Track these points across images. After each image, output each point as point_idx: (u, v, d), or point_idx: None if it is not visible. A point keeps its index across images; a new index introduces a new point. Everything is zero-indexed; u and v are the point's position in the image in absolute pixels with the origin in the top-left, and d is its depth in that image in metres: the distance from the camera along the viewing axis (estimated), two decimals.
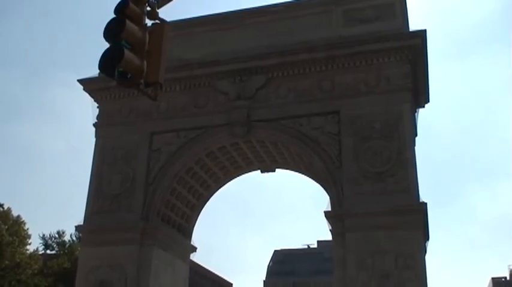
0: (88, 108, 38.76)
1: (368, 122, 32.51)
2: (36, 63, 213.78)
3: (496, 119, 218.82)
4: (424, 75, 36.01)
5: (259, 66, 35.44)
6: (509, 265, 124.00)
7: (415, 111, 36.18)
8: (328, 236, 33.38)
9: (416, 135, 36.09)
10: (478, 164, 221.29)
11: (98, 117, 38.95)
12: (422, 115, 42.19)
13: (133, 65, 10.69)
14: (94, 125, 38.73)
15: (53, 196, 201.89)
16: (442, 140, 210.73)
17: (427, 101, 37.59)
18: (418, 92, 35.28)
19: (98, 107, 39.21)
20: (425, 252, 31.71)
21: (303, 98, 34.61)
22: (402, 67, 33.16)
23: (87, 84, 38.86)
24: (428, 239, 32.89)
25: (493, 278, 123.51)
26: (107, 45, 10.84)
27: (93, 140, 38.47)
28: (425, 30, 33.30)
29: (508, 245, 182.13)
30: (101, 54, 10.72)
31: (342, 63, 34.15)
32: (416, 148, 33.73)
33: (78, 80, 39.00)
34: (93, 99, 39.19)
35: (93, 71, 34.84)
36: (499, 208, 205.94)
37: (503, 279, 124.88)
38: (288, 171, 40.65)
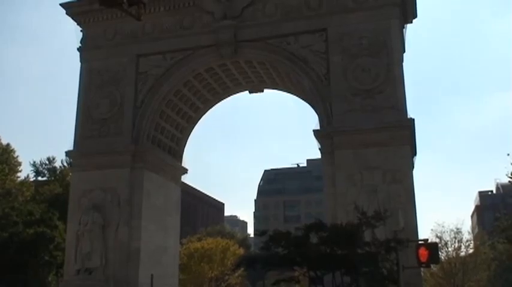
0: (64, 32, 38.24)
1: (356, 39, 32.26)
2: None
3: (482, 33, 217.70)
4: None
5: None
6: (495, 179, 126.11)
7: (403, 27, 35.81)
8: (318, 155, 33.76)
9: (404, 51, 35.86)
10: (462, 79, 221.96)
11: (82, 41, 38.31)
12: (410, 31, 41.61)
13: None
14: (78, 49, 38.10)
15: (39, 123, 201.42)
16: (426, 55, 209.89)
17: (415, 16, 37.12)
18: (406, 7, 34.81)
19: (81, 30, 38.52)
20: (413, 167, 32.25)
21: (290, 16, 34.11)
22: None
23: (70, 7, 38.03)
24: (415, 155, 33.35)
25: (479, 192, 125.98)
26: None
27: (73, 65, 38.01)
28: None
29: (495, 160, 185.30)
30: None
31: None
32: (403, 64, 33.59)
33: (60, 4, 38.13)
34: (76, 23, 38.44)
35: None
36: (482, 121, 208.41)
37: (489, 193, 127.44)
38: (276, 91, 40.63)
